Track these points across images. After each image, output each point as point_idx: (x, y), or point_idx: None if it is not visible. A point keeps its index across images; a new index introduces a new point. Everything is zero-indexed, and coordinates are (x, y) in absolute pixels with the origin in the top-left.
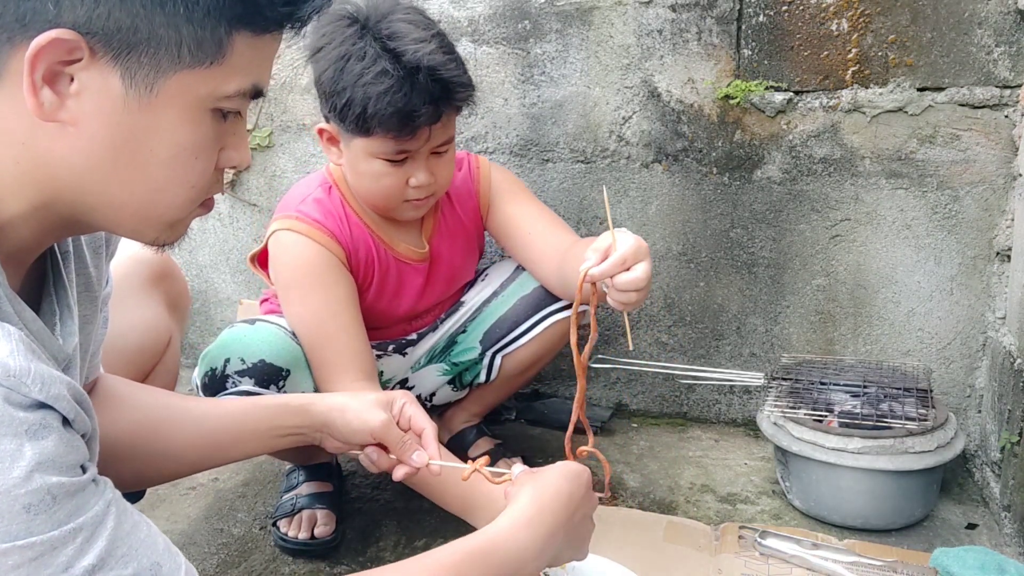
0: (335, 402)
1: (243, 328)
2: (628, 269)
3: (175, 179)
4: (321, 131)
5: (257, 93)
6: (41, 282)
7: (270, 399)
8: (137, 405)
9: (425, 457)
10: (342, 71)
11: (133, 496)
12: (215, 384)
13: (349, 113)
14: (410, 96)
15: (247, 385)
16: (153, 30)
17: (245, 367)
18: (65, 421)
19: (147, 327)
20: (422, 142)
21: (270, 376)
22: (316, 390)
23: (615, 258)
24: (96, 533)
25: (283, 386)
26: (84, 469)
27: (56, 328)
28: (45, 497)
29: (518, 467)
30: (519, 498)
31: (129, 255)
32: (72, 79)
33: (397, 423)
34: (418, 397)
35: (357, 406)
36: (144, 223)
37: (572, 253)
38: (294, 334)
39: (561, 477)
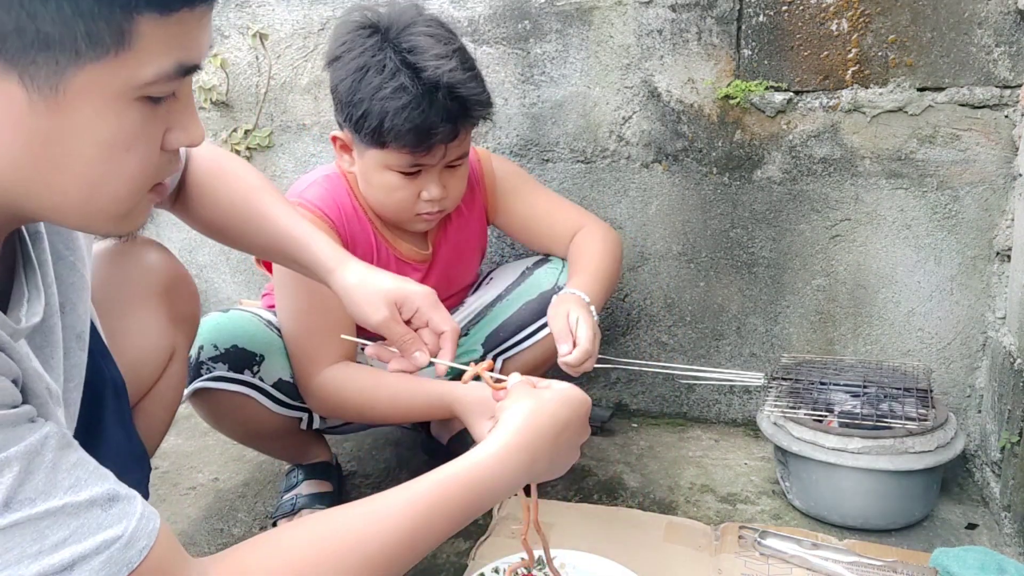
0: (349, 281)
1: (216, 316)
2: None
3: (109, 174)
4: (335, 138)
5: (188, 70)
6: (12, 265)
7: (313, 247)
8: (219, 200)
9: (427, 357)
10: (360, 82)
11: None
12: (190, 372)
13: (365, 125)
14: (428, 113)
15: (221, 371)
16: (41, 29)
17: (218, 353)
18: None
19: (144, 343)
20: (438, 158)
21: (244, 361)
22: (292, 376)
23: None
24: (33, 465)
25: (257, 371)
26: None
27: (22, 309)
28: None
29: (516, 376)
30: (513, 418)
31: (139, 259)
32: None
33: (411, 321)
34: None
35: (364, 295)
36: (89, 219)
37: (572, 256)
38: (269, 322)
39: (560, 403)
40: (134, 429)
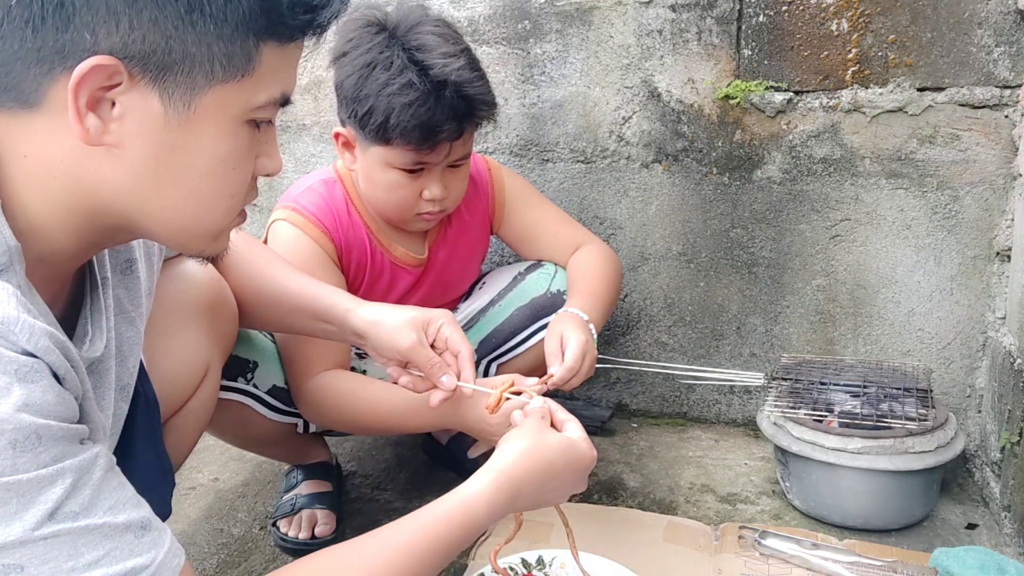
0: (372, 315)
1: None
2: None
3: (216, 191)
4: (337, 135)
5: (285, 101)
6: (79, 305)
7: (326, 295)
8: (244, 275)
9: (454, 380)
10: (366, 79)
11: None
12: None
13: (370, 121)
14: (434, 111)
15: None
16: (186, 49)
17: None
18: (58, 379)
19: (182, 359)
20: (442, 156)
21: (237, 368)
22: (286, 381)
23: (565, 376)
24: (82, 480)
25: (251, 378)
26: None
27: (84, 346)
28: (31, 436)
29: (538, 400)
30: (505, 456)
31: (183, 273)
32: (114, 103)
33: (433, 343)
34: None
35: (391, 324)
36: (188, 235)
37: (572, 275)
38: None
39: (559, 452)
40: (163, 445)
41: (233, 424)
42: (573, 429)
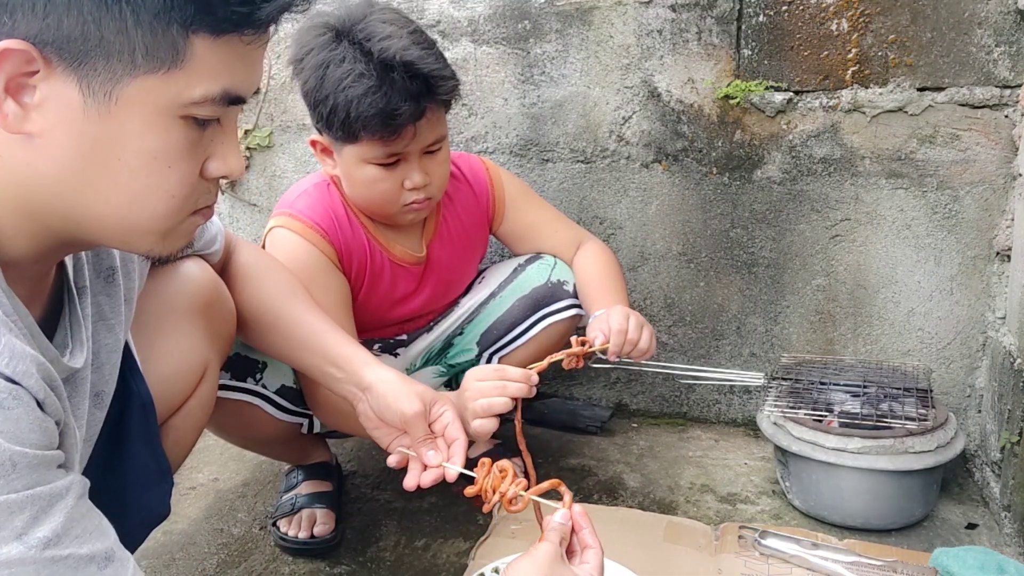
0: (385, 376)
1: None
2: (636, 343)
3: (150, 188)
4: (314, 143)
5: (233, 100)
6: (58, 315)
7: (345, 344)
8: (261, 296)
9: (440, 458)
10: (323, 79)
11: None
12: None
13: (335, 120)
14: (389, 95)
15: (224, 379)
16: (104, 37)
17: None
18: (38, 404)
19: (179, 360)
20: (408, 140)
21: (246, 368)
22: (296, 381)
23: (618, 339)
24: (54, 507)
25: (260, 378)
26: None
27: (64, 357)
28: (5, 462)
29: (560, 513)
30: None
31: (180, 272)
32: (35, 91)
33: (432, 424)
34: None
35: (401, 389)
36: (130, 234)
37: (584, 279)
38: None
39: None
40: (159, 446)
41: (239, 424)
42: (592, 559)
